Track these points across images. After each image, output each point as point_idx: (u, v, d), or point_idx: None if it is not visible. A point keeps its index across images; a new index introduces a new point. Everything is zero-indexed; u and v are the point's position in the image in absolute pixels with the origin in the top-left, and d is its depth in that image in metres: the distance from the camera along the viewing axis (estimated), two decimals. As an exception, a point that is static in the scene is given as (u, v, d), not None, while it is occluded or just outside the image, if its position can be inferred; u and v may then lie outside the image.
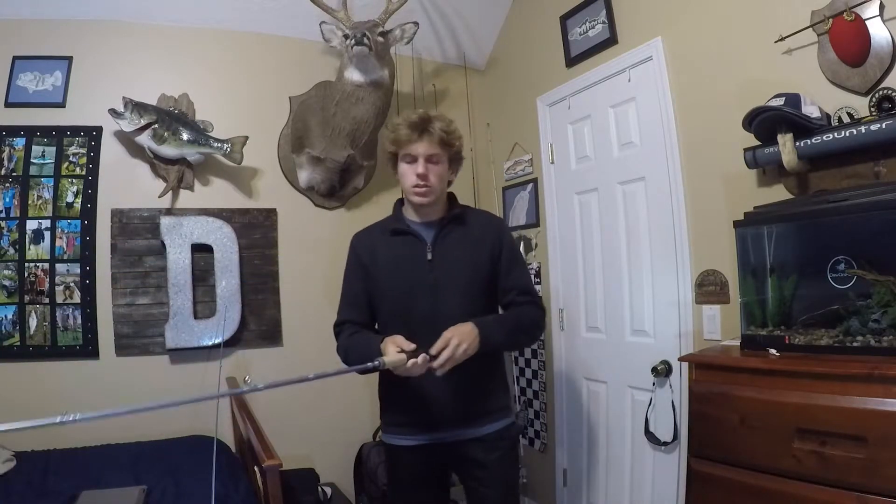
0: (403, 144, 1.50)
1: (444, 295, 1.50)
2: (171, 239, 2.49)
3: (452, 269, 1.53)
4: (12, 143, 2.37)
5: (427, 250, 1.54)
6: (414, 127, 1.48)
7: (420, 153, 1.49)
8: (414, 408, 1.54)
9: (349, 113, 2.47)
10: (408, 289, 1.52)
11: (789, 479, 1.27)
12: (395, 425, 1.60)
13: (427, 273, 1.52)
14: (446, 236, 1.56)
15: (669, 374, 2.11)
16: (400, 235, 1.58)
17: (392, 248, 1.57)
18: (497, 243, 1.58)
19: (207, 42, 2.69)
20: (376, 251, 1.58)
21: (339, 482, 2.70)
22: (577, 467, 2.57)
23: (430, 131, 1.49)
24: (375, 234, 1.63)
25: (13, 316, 2.31)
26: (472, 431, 1.54)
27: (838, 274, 1.40)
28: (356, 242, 1.63)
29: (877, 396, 1.16)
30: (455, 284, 1.52)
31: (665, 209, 2.14)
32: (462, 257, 1.54)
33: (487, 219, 1.69)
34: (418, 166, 1.49)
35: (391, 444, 1.61)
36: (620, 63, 2.32)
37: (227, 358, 2.52)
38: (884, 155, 1.47)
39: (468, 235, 1.57)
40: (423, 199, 1.52)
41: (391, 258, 1.55)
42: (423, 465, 1.59)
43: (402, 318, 1.51)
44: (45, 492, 1.88)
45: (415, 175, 1.49)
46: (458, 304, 1.50)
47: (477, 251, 1.56)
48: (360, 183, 2.89)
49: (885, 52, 1.49)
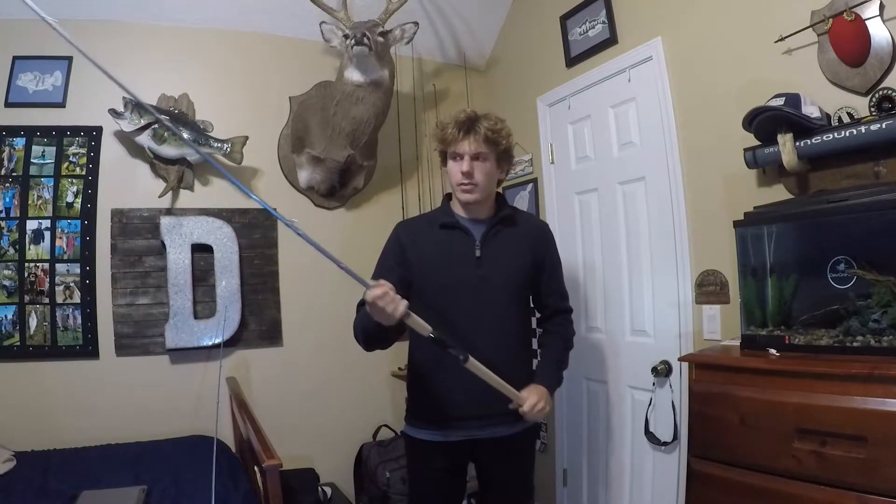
0: (450, 143, 1.54)
1: (488, 292, 1.53)
2: (171, 239, 2.49)
3: (500, 268, 1.55)
4: (12, 143, 2.37)
5: (475, 247, 1.55)
6: (460, 125, 1.52)
7: (465, 151, 1.52)
8: (451, 404, 1.53)
9: (349, 113, 2.47)
10: (453, 283, 1.53)
11: (789, 479, 1.27)
12: (426, 420, 1.58)
13: (474, 269, 1.54)
14: (495, 235, 1.59)
15: (669, 374, 2.11)
16: (448, 229, 1.59)
17: (439, 240, 1.57)
18: (543, 248, 1.65)
19: (207, 42, 2.69)
20: (420, 240, 1.58)
21: (339, 482, 2.70)
22: (577, 467, 2.57)
23: (476, 129, 1.52)
24: (422, 224, 1.65)
25: (13, 316, 2.31)
26: (506, 429, 1.55)
27: (838, 274, 1.40)
28: (401, 229, 1.64)
29: (877, 396, 1.16)
30: (501, 283, 1.55)
31: (665, 209, 2.14)
32: (510, 257, 1.58)
33: (535, 223, 1.76)
34: (463, 164, 1.52)
35: (417, 437, 1.60)
36: (620, 63, 2.32)
37: (227, 358, 2.52)
38: (884, 155, 1.47)
39: (517, 237, 1.61)
40: (468, 197, 1.54)
41: (438, 250, 1.56)
42: (450, 462, 1.59)
43: (443, 311, 1.50)
44: (45, 492, 1.88)
45: (460, 173, 1.52)
46: (501, 302, 1.54)
47: (524, 253, 1.60)
48: (360, 183, 2.89)
49: (885, 52, 1.49)
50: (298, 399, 2.71)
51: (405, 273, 1.56)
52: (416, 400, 1.64)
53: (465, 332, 1.47)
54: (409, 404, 1.67)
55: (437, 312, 1.48)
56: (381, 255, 1.63)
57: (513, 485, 1.64)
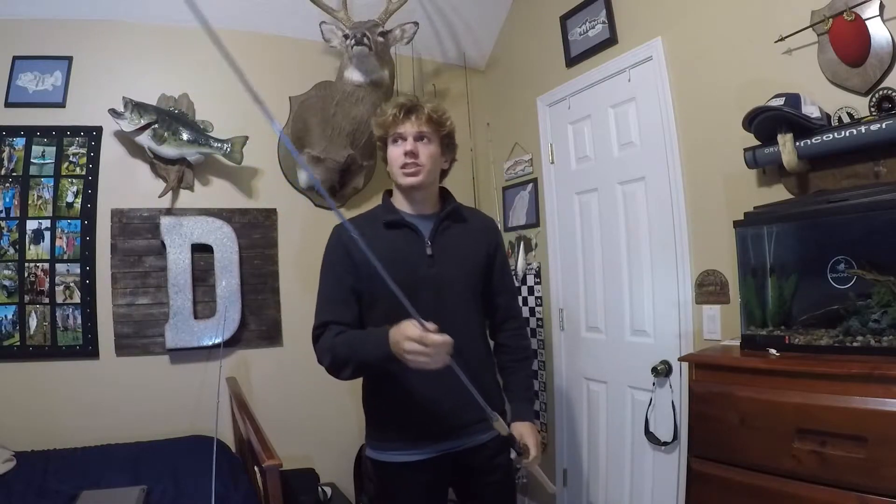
0: (390, 125, 1.43)
1: (446, 291, 1.43)
2: (171, 239, 2.49)
3: (454, 264, 1.45)
4: (12, 143, 2.37)
5: (426, 245, 1.44)
6: (400, 107, 1.42)
7: (408, 132, 1.42)
8: (416, 419, 1.41)
9: (349, 113, 2.47)
10: (408, 285, 1.31)
11: (789, 479, 1.27)
12: (391, 440, 1.44)
13: (428, 268, 1.42)
14: (445, 230, 1.48)
15: (669, 374, 2.11)
16: (395, 228, 1.45)
17: (387, 241, 1.42)
18: (493, 243, 1.57)
19: (207, 42, 2.65)
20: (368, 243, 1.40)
21: (339, 482, 2.70)
22: (577, 467, 2.57)
23: (418, 111, 1.42)
24: (362, 224, 1.45)
25: (13, 316, 2.31)
26: (479, 438, 1.44)
27: (838, 274, 1.40)
28: (341, 231, 1.44)
29: (877, 396, 1.16)
30: (457, 280, 1.45)
31: (665, 209, 2.14)
32: (464, 254, 1.48)
33: (482, 217, 1.66)
34: (407, 144, 1.41)
35: (385, 461, 1.44)
36: (620, 63, 2.32)
37: (227, 358, 2.52)
38: (884, 155, 1.47)
39: (467, 231, 1.52)
40: (413, 180, 1.42)
41: (387, 252, 1.34)
42: (426, 483, 1.44)
43: (397, 319, 1.25)
44: (45, 492, 1.88)
45: (403, 153, 1.41)
46: (459, 300, 1.45)
47: (476, 248, 1.52)
48: (360, 183, 2.89)
49: (885, 52, 1.49)
50: (298, 399, 2.71)
51: (355, 281, 1.41)
52: (381, 415, 1.47)
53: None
54: (372, 421, 1.50)
55: (395, 319, 1.24)
56: (323, 265, 1.46)
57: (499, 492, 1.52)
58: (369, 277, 1.35)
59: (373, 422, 1.50)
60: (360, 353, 1.30)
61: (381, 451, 1.46)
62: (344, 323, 1.40)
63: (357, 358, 1.31)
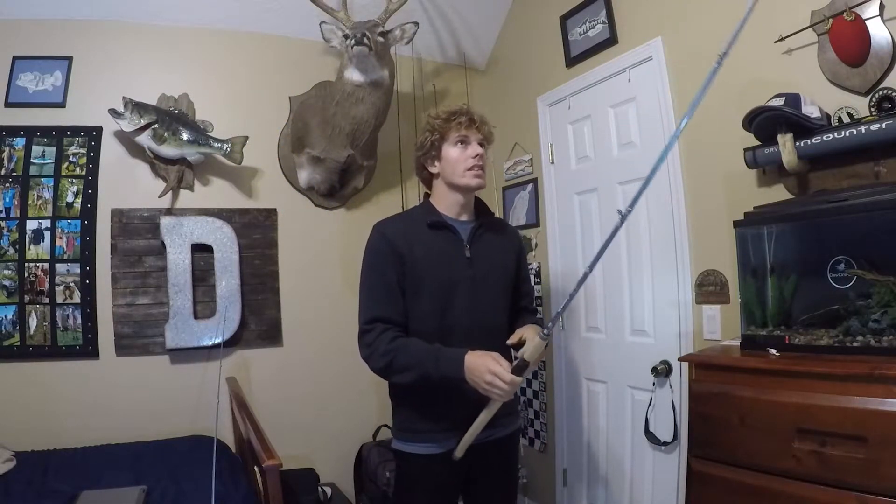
0: (455, 128, 1.50)
1: (481, 292, 1.51)
2: (171, 239, 2.49)
3: (489, 267, 1.55)
4: (12, 143, 2.37)
5: (465, 247, 1.53)
6: (466, 113, 1.51)
7: (476, 137, 1.52)
8: (447, 413, 1.45)
9: (349, 113, 2.47)
10: (449, 283, 1.48)
11: (789, 479, 1.27)
12: (418, 432, 1.48)
13: (466, 269, 1.51)
14: (481, 236, 1.57)
15: (669, 374, 2.11)
16: (437, 229, 1.52)
17: (431, 241, 1.50)
18: (519, 250, 1.68)
19: (207, 42, 2.69)
20: (413, 242, 1.48)
21: (339, 482, 2.71)
22: (577, 467, 2.57)
23: (481, 121, 1.53)
24: (406, 223, 1.53)
25: (13, 316, 2.31)
26: (499, 431, 1.51)
27: (838, 274, 1.40)
28: (387, 231, 1.49)
29: (877, 396, 1.15)
30: (492, 282, 1.55)
31: (665, 209, 2.14)
32: (497, 258, 1.58)
33: (510, 228, 1.79)
34: (478, 148, 1.51)
35: (413, 452, 1.48)
36: (620, 63, 2.32)
37: (227, 358, 2.53)
38: (884, 155, 1.47)
39: (499, 238, 1.63)
40: (481, 181, 1.51)
41: (431, 251, 1.48)
42: (446, 474, 1.48)
43: (440, 313, 1.46)
44: (45, 492, 1.88)
45: (473, 156, 1.49)
46: (493, 301, 1.54)
47: (507, 256, 1.62)
48: (360, 183, 2.89)
49: (885, 52, 1.49)
50: (298, 399, 2.71)
51: (400, 276, 1.46)
52: (412, 408, 1.50)
53: (465, 332, 1.46)
54: (402, 414, 1.53)
55: (435, 314, 1.46)
56: (367, 262, 1.50)
57: (505, 486, 1.61)
58: (412, 273, 1.45)
59: (402, 415, 1.54)
60: (428, 367, 1.36)
61: (409, 443, 1.50)
62: (393, 321, 1.45)
63: (423, 370, 1.37)
